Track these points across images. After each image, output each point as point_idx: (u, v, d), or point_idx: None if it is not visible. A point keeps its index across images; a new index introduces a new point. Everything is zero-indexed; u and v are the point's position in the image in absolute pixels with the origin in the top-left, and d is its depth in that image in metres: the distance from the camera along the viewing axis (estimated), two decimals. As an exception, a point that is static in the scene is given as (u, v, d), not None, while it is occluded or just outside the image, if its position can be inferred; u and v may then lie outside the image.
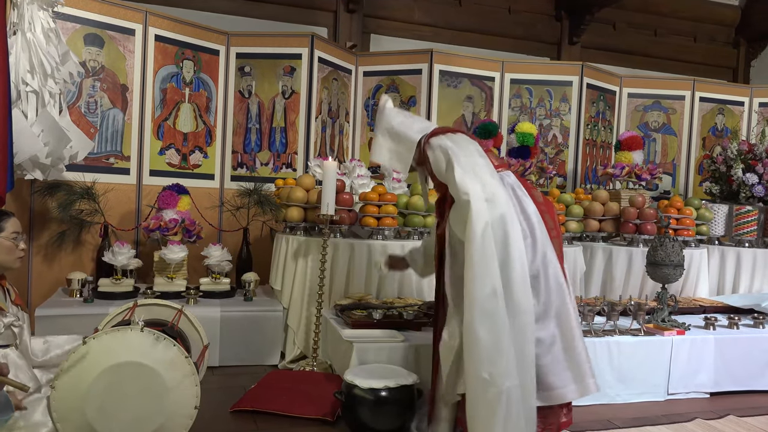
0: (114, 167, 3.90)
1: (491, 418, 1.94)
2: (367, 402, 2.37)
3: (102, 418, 1.93)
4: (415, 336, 2.85)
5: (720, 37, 6.82)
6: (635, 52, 6.39)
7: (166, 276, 3.50)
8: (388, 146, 2.48)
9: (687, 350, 3.07)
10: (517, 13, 5.98)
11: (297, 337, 3.39)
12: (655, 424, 2.71)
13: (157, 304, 2.62)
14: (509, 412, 1.94)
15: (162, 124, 4.11)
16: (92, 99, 3.80)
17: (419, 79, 4.77)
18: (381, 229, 3.52)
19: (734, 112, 5.54)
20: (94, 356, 1.95)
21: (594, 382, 2.20)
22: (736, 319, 3.33)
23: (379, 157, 2.51)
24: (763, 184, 4.39)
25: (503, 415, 1.94)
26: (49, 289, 3.59)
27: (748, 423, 2.75)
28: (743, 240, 4.28)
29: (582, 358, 2.19)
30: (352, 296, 3.34)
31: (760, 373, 3.20)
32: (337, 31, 5.30)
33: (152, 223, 3.52)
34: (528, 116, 4.98)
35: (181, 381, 2.01)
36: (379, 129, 2.52)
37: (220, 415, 2.59)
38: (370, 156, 2.59)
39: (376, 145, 2.52)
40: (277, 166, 4.44)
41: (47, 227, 3.68)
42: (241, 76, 4.43)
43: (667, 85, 5.51)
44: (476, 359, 1.98)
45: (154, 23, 4.02)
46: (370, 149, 2.60)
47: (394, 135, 2.47)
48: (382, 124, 2.52)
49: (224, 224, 4.29)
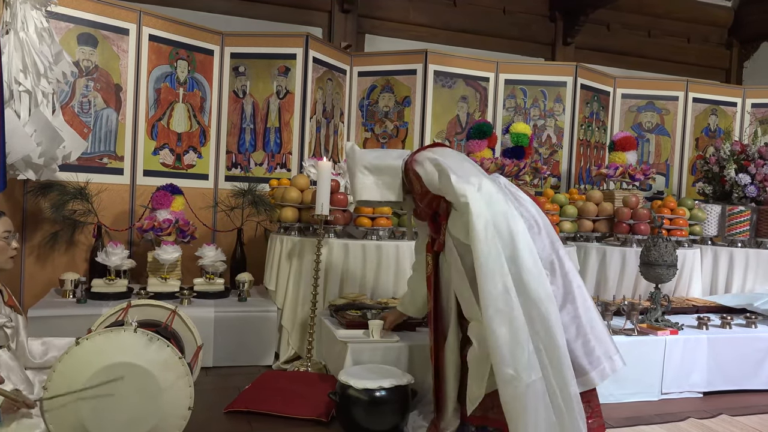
0: (107, 167, 3.89)
1: (522, 412, 1.93)
2: (361, 402, 2.37)
3: (95, 419, 1.92)
4: (409, 336, 2.85)
5: (713, 38, 6.86)
6: (629, 53, 6.42)
7: (160, 276, 3.49)
8: (372, 181, 2.47)
9: (680, 350, 3.08)
10: (511, 14, 5.99)
11: (291, 338, 3.39)
12: (649, 423, 2.72)
13: (150, 305, 2.61)
14: (538, 406, 1.93)
15: (156, 124, 4.10)
16: (86, 99, 3.79)
17: (414, 80, 4.77)
18: (375, 229, 3.52)
19: (727, 113, 5.57)
20: (87, 357, 1.95)
21: (620, 357, 2.21)
22: (728, 319, 3.35)
23: (367, 194, 2.49)
24: (756, 185, 4.41)
25: (533, 408, 1.93)
26: (42, 290, 3.57)
27: (740, 422, 2.76)
28: (736, 240, 4.30)
29: (605, 335, 2.22)
30: (347, 296, 3.34)
31: (752, 373, 3.22)
32: (332, 32, 5.30)
33: (146, 223, 3.51)
34: (522, 117, 5.00)
35: (175, 382, 2.01)
36: (357, 169, 2.49)
37: (214, 416, 2.59)
38: (356, 198, 2.54)
39: (359, 185, 2.49)
40: (272, 166, 4.43)
41: (40, 227, 3.66)
42: (235, 76, 4.42)
43: (661, 85, 5.53)
44: (499, 357, 1.97)
45: (148, 23, 4.01)
46: (353, 193, 2.56)
47: (373, 169, 2.47)
48: (357, 165, 2.50)
49: (218, 224, 4.28)
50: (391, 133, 4.82)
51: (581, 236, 4.16)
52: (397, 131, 4.81)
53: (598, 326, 2.21)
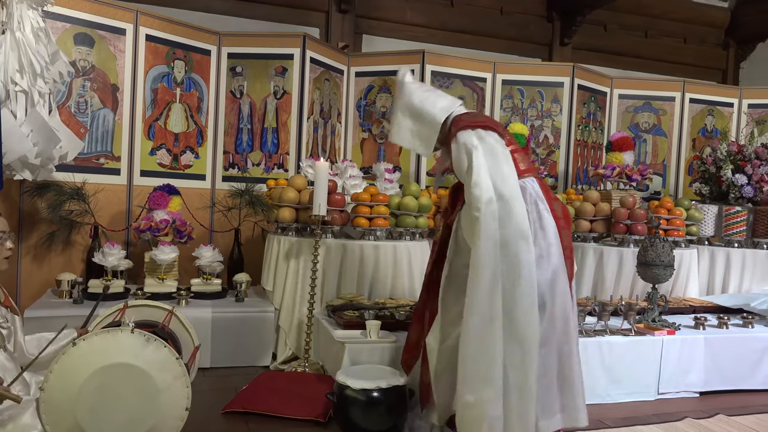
0: (104, 167, 3.88)
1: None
2: (359, 403, 2.37)
3: (92, 419, 1.91)
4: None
5: (710, 39, 6.87)
6: (626, 54, 6.43)
7: (157, 277, 3.48)
8: (408, 126, 2.27)
9: (677, 350, 3.08)
10: (509, 15, 6.00)
11: (289, 338, 3.38)
12: (646, 423, 2.72)
13: (147, 305, 2.61)
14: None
15: (153, 125, 4.09)
16: (82, 99, 3.78)
17: (411, 80, 4.76)
18: (373, 229, 3.52)
19: (724, 114, 5.58)
20: (84, 357, 1.94)
21: (585, 416, 2.10)
22: (725, 319, 3.35)
23: (400, 139, 2.32)
24: (752, 185, 4.42)
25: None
26: (39, 291, 3.56)
27: (737, 422, 2.77)
28: (733, 240, 4.31)
29: (577, 391, 2.10)
30: (344, 297, 3.33)
31: (749, 373, 3.22)
32: (329, 32, 5.30)
33: (143, 223, 3.50)
34: (519, 117, 5.00)
35: (172, 382, 2.00)
36: (399, 106, 2.31)
37: (212, 417, 2.58)
38: (390, 137, 2.39)
39: (396, 125, 2.31)
40: (269, 166, 4.43)
41: (37, 228, 3.65)
42: (232, 77, 4.42)
43: (658, 86, 5.54)
44: (463, 378, 1.93)
45: (145, 23, 4.00)
46: (389, 133, 2.37)
47: (415, 113, 2.26)
48: (401, 101, 2.30)
49: (215, 225, 4.28)
50: (388, 134, 4.81)
51: (578, 236, 4.16)
52: (394, 131, 4.80)
53: (573, 380, 2.09)
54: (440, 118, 2.23)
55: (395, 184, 3.98)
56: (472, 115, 2.24)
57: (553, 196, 2.22)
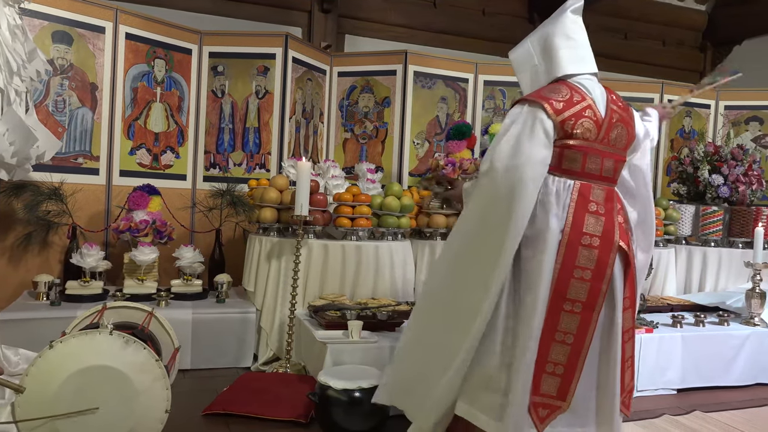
0: (83, 167, 3.83)
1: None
2: (340, 403, 2.37)
3: (70, 423, 1.89)
4: (389, 336, 2.86)
5: (688, 42, 6.98)
6: (606, 56, 6.48)
7: (137, 278, 3.45)
8: (532, 64, 2.13)
9: (655, 348, 3.13)
10: (491, 16, 6.04)
11: (270, 339, 3.37)
12: (624, 420, 2.75)
13: (126, 307, 2.58)
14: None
15: (133, 124, 4.05)
16: (60, 98, 3.73)
17: (393, 80, 4.78)
18: (355, 229, 3.52)
19: (701, 115, 5.67)
20: (61, 360, 1.92)
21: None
22: (702, 317, 3.41)
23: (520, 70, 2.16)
24: (729, 185, 4.50)
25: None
26: (14, 293, 3.50)
27: (713, 418, 2.82)
28: (709, 240, 4.38)
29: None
30: (326, 297, 3.33)
31: (724, 370, 3.29)
32: (312, 31, 5.29)
33: (122, 224, 3.47)
34: (501, 118, 5.03)
35: (152, 384, 1.99)
36: (540, 32, 2.15)
37: (192, 419, 2.56)
38: (510, 53, 2.18)
39: (523, 50, 2.14)
40: (251, 166, 4.40)
41: (13, 229, 3.59)
42: (214, 76, 4.39)
43: (637, 87, 5.61)
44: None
45: (125, 21, 3.96)
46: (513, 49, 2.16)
47: (546, 53, 2.13)
48: (547, 28, 2.16)
49: (196, 225, 4.24)
50: (370, 134, 4.82)
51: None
52: (376, 132, 4.81)
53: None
54: (558, 74, 2.09)
55: (377, 185, 3.99)
56: (542, 94, 1.98)
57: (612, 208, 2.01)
